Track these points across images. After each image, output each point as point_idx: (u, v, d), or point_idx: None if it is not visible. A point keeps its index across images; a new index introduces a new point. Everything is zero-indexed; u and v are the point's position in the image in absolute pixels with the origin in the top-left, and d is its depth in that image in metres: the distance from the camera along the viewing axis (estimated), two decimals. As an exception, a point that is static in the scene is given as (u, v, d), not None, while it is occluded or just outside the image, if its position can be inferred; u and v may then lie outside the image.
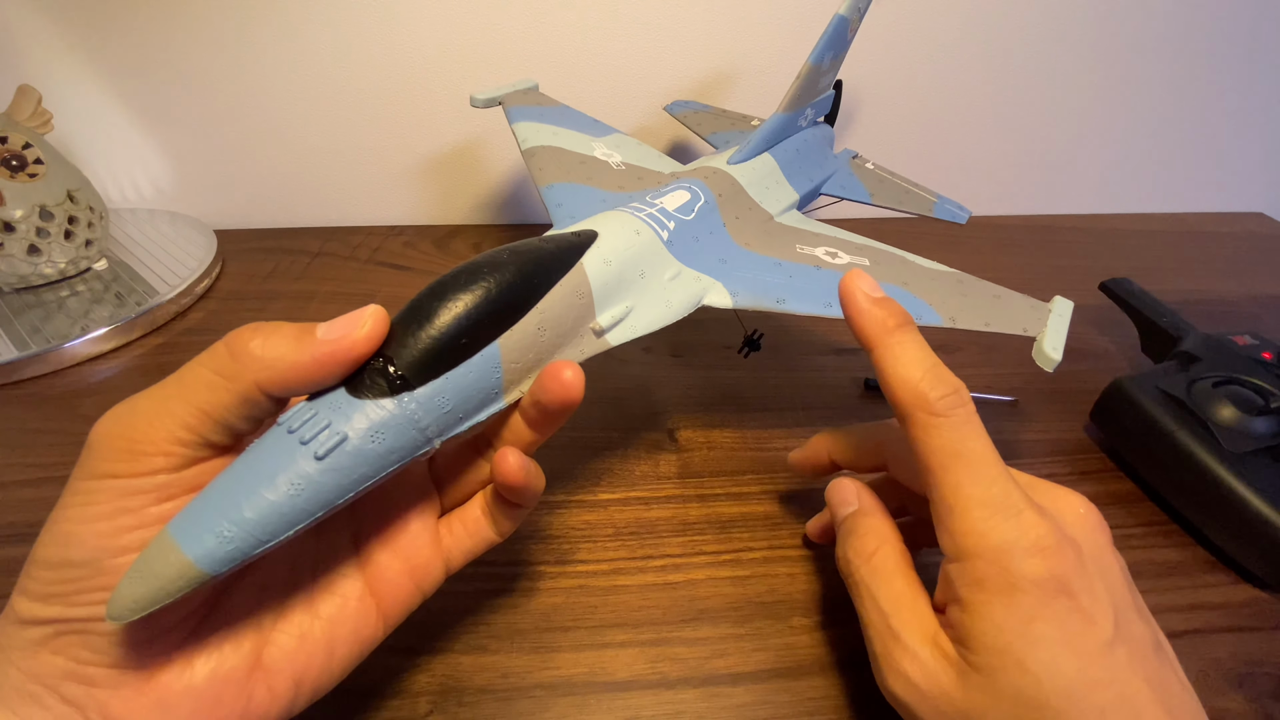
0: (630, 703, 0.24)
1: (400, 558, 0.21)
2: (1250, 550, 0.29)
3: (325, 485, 0.16)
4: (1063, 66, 0.59)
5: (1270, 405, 0.32)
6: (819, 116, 0.43)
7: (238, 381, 0.16)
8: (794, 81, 0.37)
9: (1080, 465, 0.36)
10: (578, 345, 0.23)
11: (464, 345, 0.18)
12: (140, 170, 0.55)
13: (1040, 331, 0.28)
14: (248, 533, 0.15)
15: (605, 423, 0.37)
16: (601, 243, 0.24)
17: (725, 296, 0.28)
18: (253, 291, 0.48)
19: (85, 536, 0.16)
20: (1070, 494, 0.21)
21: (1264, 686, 0.26)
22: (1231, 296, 0.53)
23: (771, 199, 0.36)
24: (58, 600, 0.16)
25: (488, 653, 0.26)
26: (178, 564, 0.15)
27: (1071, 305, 0.30)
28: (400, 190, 0.58)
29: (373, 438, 0.17)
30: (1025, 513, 0.19)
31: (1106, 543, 0.20)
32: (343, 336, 0.17)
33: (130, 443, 0.16)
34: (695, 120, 0.50)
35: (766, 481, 0.34)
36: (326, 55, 0.51)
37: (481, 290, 0.19)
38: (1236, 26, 0.59)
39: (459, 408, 0.19)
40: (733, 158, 0.36)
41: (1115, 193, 0.67)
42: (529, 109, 0.42)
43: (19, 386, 0.38)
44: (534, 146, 0.38)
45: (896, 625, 0.20)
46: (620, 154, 0.40)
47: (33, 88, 0.43)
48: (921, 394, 0.20)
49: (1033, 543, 0.18)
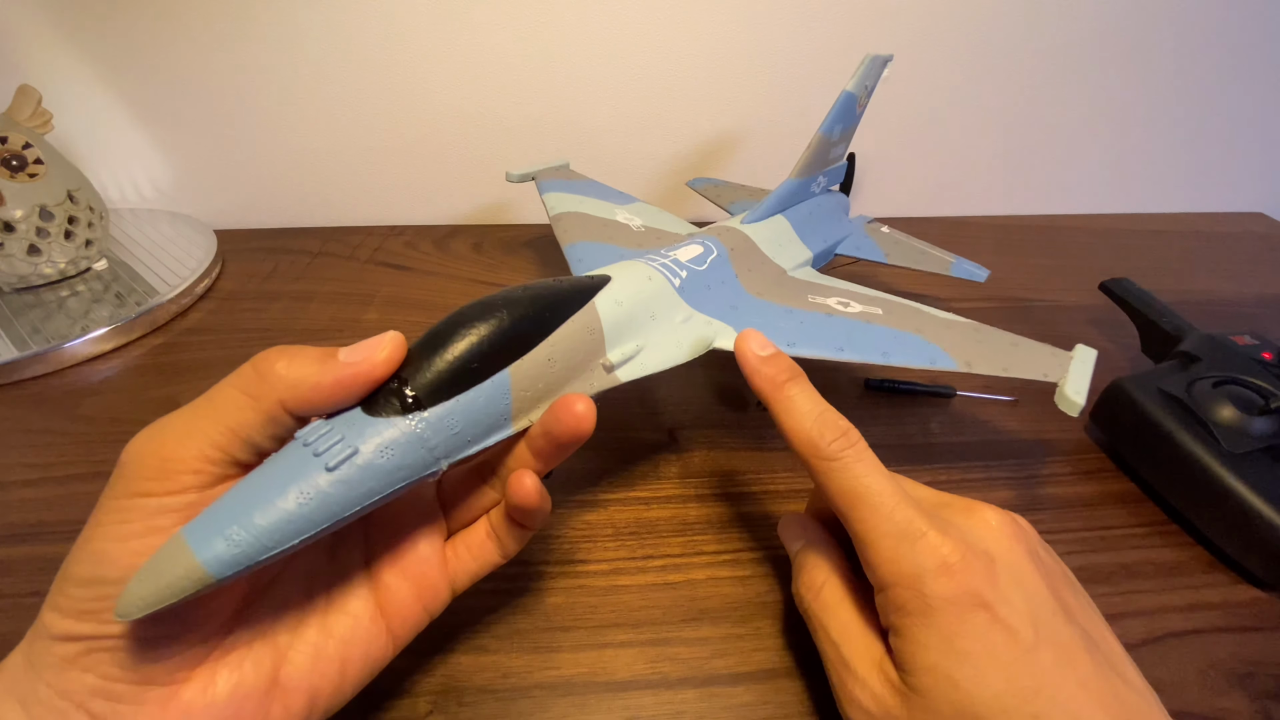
0: (630, 703, 0.24)
1: (409, 579, 0.22)
2: (1250, 550, 0.29)
3: (334, 496, 0.17)
4: (1063, 66, 0.59)
5: (1270, 405, 0.32)
6: (832, 185, 0.44)
7: (264, 400, 0.17)
8: (805, 150, 0.38)
9: (1080, 465, 0.36)
10: (588, 379, 0.24)
11: (475, 370, 0.19)
12: (140, 170, 0.55)
13: (1062, 377, 0.28)
14: (255, 538, 0.16)
15: (605, 423, 0.36)
16: (614, 285, 0.25)
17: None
18: (253, 291, 0.48)
19: (119, 555, 0.16)
20: (984, 507, 0.22)
21: (1264, 686, 0.26)
22: (1231, 296, 0.53)
23: (785, 255, 0.37)
24: (91, 617, 0.16)
25: (488, 653, 0.26)
26: (186, 565, 0.15)
27: (1095, 354, 0.30)
28: (400, 190, 0.58)
29: (382, 453, 0.18)
30: (928, 534, 0.19)
31: (1024, 551, 0.20)
32: (363, 360, 0.18)
33: (162, 461, 0.17)
34: (714, 193, 0.52)
35: (766, 481, 0.34)
36: (327, 55, 0.51)
37: (495, 320, 0.20)
38: (1236, 27, 0.59)
39: (467, 430, 0.19)
40: (746, 218, 0.37)
41: (1115, 193, 0.67)
42: (559, 182, 0.45)
43: (19, 386, 0.38)
44: (560, 213, 0.40)
45: (846, 654, 0.21)
46: (641, 219, 0.42)
47: (33, 88, 0.43)
48: (812, 442, 0.22)
49: (939, 563, 0.19)
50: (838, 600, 0.23)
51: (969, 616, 0.19)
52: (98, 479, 0.32)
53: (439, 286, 0.50)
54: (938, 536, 0.19)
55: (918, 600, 0.19)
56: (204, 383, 0.18)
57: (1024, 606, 0.19)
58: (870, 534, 0.20)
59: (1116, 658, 0.20)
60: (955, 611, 0.19)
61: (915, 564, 0.19)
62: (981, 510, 0.21)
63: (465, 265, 0.53)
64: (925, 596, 0.19)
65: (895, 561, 0.20)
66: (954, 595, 0.19)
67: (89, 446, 0.34)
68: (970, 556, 0.19)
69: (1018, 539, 0.21)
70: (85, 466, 0.33)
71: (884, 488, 0.21)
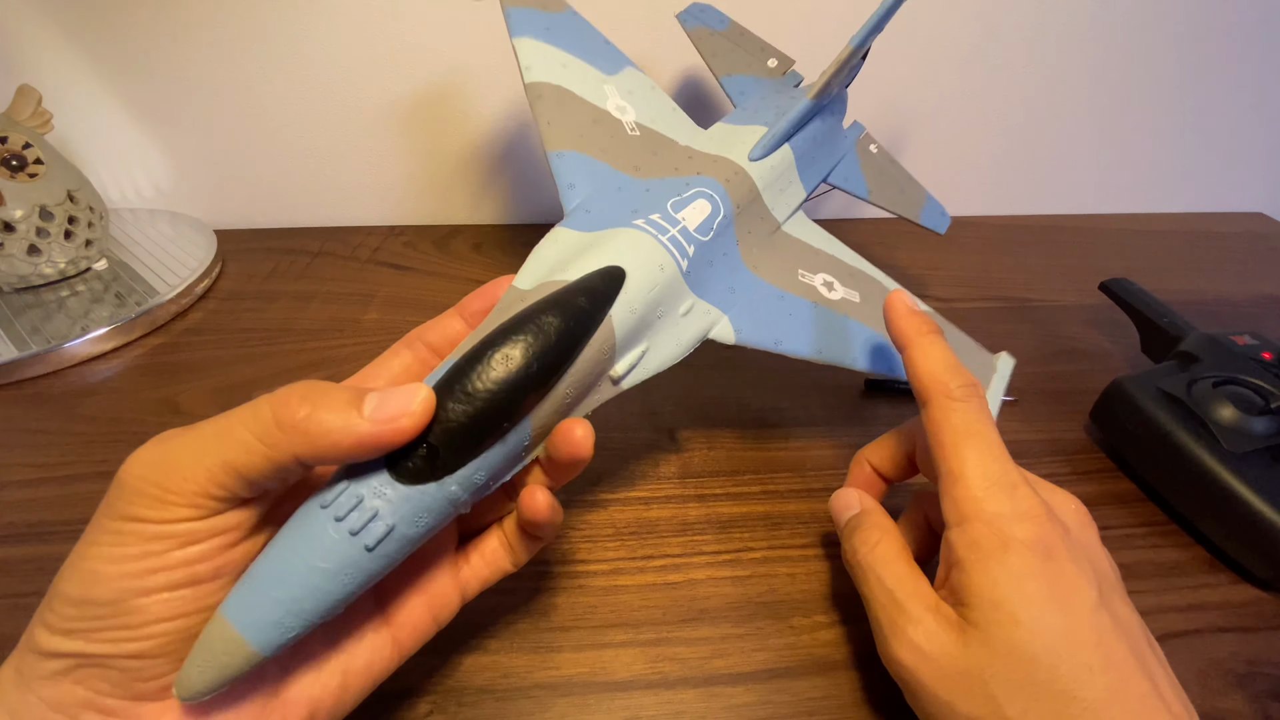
0: (630, 703, 0.24)
1: (419, 591, 0.22)
2: (1250, 550, 0.29)
3: (374, 571, 0.17)
4: (1063, 66, 0.59)
5: (1270, 405, 0.32)
6: (843, 88, 0.41)
7: (278, 451, 0.16)
8: (830, 66, 0.35)
9: (1080, 465, 0.36)
10: (595, 396, 0.23)
11: (497, 418, 0.19)
12: (140, 170, 0.55)
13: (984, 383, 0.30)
14: (305, 621, 0.17)
15: (605, 423, 0.37)
16: (629, 287, 0.23)
17: (730, 332, 0.28)
18: (253, 291, 0.48)
19: (111, 577, 0.16)
20: (1065, 493, 0.23)
21: (1264, 686, 0.26)
22: (1231, 296, 0.53)
23: (781, 203, 0.35)
24: (79, 636, 0.16)
25: (488, 653, 0.26)
26: (244, 654, 0.16)
27: (1014, 363, 0.32)
28: (400, 190, 0.58)
29: (416, 522, 0.18)
30: (1020, 487, 0.21)
31: (1094, 537, 0.22)
32: (391, 420, 0.17)
33: (162, 491, 0.16)
34: (710, 46, 0.45)
35: (766, 481, 0.34)
36: (327, 55, 0.51)
37: (522, 366, 0.19)
38: (1237, 27, 0.58)
39: (491, 478, 0.20)
40: (754, 153, 0.34)
41: (1115, 193, 0.67)
42: (533, 14, 0.37)
43: (19, 386, 0.38)
44: (540, 81, 0.34)
45: (901, 597, 0.22)
46: (634, 109, 0.36)
47: (33, 88, 0.43)
48: (943, 382, 0.23)
49: (1024, 511, 0.20)
50: (893, 554, 0.23)
51: (1042, 565, 0.19)
52: (98, 479, 0.32)
53: (439, 287, 0.50)
54: (1028, 491, 0.21)
55: (995, 537, 0.20)
56: (204, 382, 0.18)
57: (1090, 571, 0.20)
58: (968, 471, 0.21)
59: (1164, 660, 0.21)
60: (1031, 554, 0.20)
61: (1001, 505, 0.20)
62: (1064, 495, 0.23)
63: (465, 265, 0.53)
64: (1004, 535, 0.20)
65: (981, 500, 0.21)
66: (1032, 540, 0.20)
67: (89, 446, 0.34)
68: (1052, 516, 0.21)
69: (1090, 526, 0.23)
70: (85, 466, 0.33)
71: (995, 439, 0.22)
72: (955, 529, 0.21)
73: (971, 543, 0.20)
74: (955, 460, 0.21)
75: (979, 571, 0.20)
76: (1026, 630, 0.19)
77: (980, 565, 0.20)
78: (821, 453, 0.35)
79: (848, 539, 0.25)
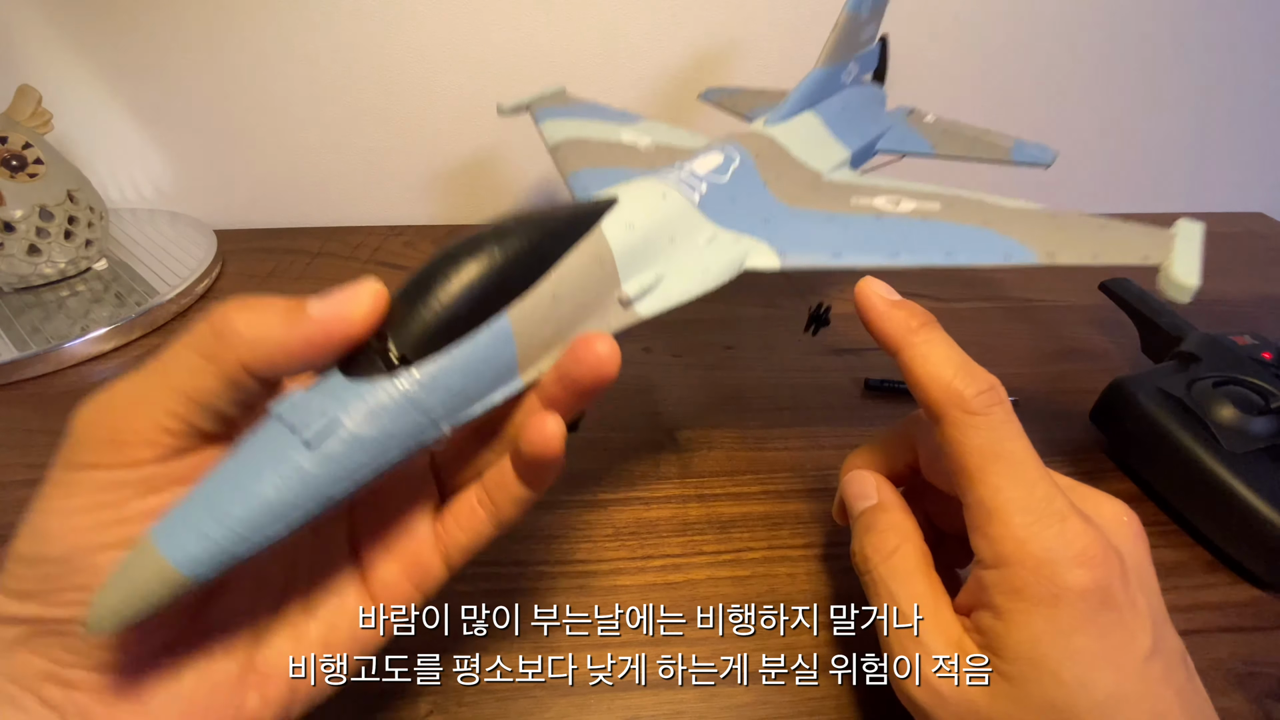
0: (630, 703, 0.24)
1: (396, 557, 0.20)
2: (1250, 550, 0.29)
3: (317, 477, 0.15)
4: (1063, 66, 0.59)
5: (1270, 405, 0.32)
6: (865, 74, 0.40)
7: (221, 363, 0.15)
8: (831, 32, 0.34)
9: (1080, 465, 0.36)
10: (603, 318, 0.21)
11: (468, 317, 0.17)
12: (140, 170, 0.55)
13: (1166, 258, 0.24)
14: (233, 532, 0.14)
15: (605, 423, 0.37)
16: (622, 207, 0.22)
17: (771, 257, 0.25)
18: (253, 291, 0.48)
19: (62, 532, 0.15)
20: (1112, 501, 0.20)
21: (1264, 686, 0.26)
22: (1231, 296, 0.53)
23: (819, 157, 0.33)
24: (34, 599, 0.15)
25: (487, 653, 0.25)
26: (158, 569, 0.13)
27: (1202, 226, 0.25)
28: (400, 190, 0.58)
29: (369, 422, 0.15)
30: (1070, 519, 0.18)
31: (1146, 553, 0.19)
32: (336, 315, 0.15)
33: (113, 431, 0.15)
34: (731, 102, 0.47)
35: (766, 481, 0.34)
36: (327, 55, 0.51)
37: (485, 258, 0.17)
38: (1237, 27, 0.59)
39: (468, 388, 0.17)
40: (770, 119, 0.33)
41: (1115, 193, 0.67)
42: (556, 109, 0.40)
43: (19, 386, 0.38)
44: (559, 141, 0.35)
45: (921, 629, 0.19)
46: (650, 137, 0.37)
47: (33, 88, 0.43)
48: (956, 391, 0.19)
49: (1079, 553, 0.17)
50: (911, 568, 0.21)
51: (1095, 615, 0.17)
52: (98, 479, 0.32)
53: (439, 286, 0.49)
54: (1079, 524, 0.18)
55: (1044, 586, 0.17)
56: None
57: (1146, 612, 0.18)
58: (1003, 505, 0.18)
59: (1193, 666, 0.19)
60: (1084, 607, 0.17)
61: (1049, 548, 0.17)
62: (1111, 503, 0.20)
63: (465, 265, 0.53)
64: (1054, 584, 0.17)
65: (1024, 541, 0.17)
66: (1087, 590, 0.17)
67: (89, 446, 0.34)
68: (1109, 552, 0.18)
69: (1141, 539, 0.19)
70: (85, 466, 0.33)
71: (1029, 457, 0.18)
72: (992, 571, 0.18)
73: (1013, 590, 0.18)
74: (985, 490, 0.18)
75: (1020, 625, 0.17)
76: (1069, 691, 0.17)
77: (1022, 618, 0.17)
78: (821, 453, 0.35)
79: (858, 538, 0.23)
